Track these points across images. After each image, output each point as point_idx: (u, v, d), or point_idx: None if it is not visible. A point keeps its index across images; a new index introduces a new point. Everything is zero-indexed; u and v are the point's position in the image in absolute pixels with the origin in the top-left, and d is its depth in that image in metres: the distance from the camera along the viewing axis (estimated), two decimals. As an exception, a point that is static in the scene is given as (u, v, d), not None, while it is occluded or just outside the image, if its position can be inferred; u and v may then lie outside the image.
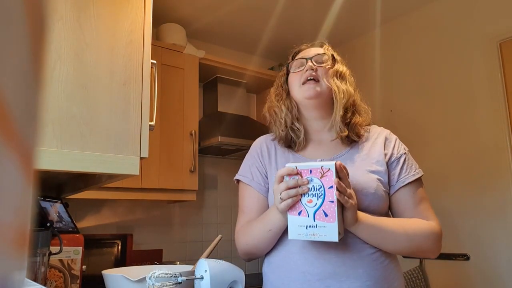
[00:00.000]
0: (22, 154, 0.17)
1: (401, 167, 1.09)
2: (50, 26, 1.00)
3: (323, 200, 0.91)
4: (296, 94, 1.14)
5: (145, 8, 1.17)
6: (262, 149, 1.18)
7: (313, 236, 0.92)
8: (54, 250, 1.13)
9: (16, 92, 0.16)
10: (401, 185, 1.07)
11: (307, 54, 1.16)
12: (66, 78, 1.00)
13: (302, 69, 1.13)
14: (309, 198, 0.92)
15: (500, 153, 2.09)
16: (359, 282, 0.97)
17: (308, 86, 1.10)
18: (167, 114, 2.34)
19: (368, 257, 1.00)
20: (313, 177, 0.92)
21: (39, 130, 0.19)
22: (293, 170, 0.94)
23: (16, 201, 0.16)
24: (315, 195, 0.92)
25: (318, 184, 0.92)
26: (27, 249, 0.18)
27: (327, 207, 0.91)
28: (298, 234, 0.94)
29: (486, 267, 2.10)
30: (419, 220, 1.06)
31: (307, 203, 0.93)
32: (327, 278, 0.98)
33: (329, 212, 0.91)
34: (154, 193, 2.25)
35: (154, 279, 0.92)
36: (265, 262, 1.13)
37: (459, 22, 2.35)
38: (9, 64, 0.15)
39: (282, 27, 2.74)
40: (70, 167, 0.98)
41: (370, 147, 1.12)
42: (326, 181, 0.91)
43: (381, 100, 2.68)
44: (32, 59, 0.17)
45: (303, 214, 0.93)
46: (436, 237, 1.05)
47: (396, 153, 1.11)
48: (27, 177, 0.17)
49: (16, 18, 0.15)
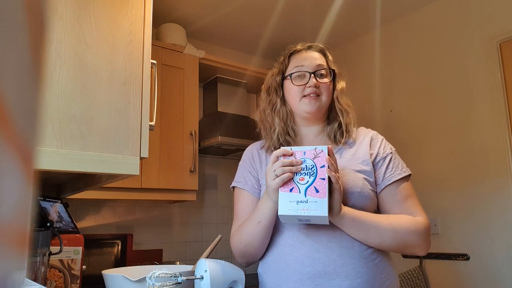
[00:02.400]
0: (22, 154, 0.17)
1: (387, 166, 1.10)
2: (50, 26, 1.00)
3: (314, 178, 0.95)
4: (296, 107, 1.16)
5: (145, 8, 1.17)
6: (253, 155, 1.22)
7: (303, 211, 0.94)
8: (54, 250, 1.13)
9: (16, 92, 0.16)
10: (386, 183, 1.09)
11: (308, 63, 1.16)
12: (66, 78, 1.00)
13: (304, 83, 1.14)
14: (301, 176, 0.97)
15: (500, 153, 2.09)
16: (349, 280, 0.98)
17: (309, 101, 1.13)
18: (167, 114, 2.34)
19: (358, 255, 1.01)
20: (306, 158, 0.97)
21: (39, 130, 0.19)
22: (288, 151, 0.99)
23: (16, 201, 0.16)
24: (307, 173, 0.96)
25: (310, 164, 0.96)
26: (27, 249, 0.18)
27: (319, 183, 0.94)
28: (288, 209, 0.95)
29: (486, 267, 2.10)
30: (405, 215, 1.06)
31: (299, 180, 0.97)
32: (317, 277, 0.99)
33: (320, 188, 0.94)
34: (154, 193, 2.25)
35: (154, 279, 0.92)
36: (259, 264, 1.15)
37: (459, 22, 2.35)
38: (9, 64, 0.15)
39: (282, 27, 2.74)
40: (70, 167, 0.98)
41: (357, 147, 1.14)
42: (319, 161, 0.96)
43: (381, 100, 2.68)
44: (32, 59, 0.17)
45: (295, 190, 0.96)
46: (423, 231, 1.05)
47: (382, 153, 1.12)
48: (27, 177, 0.17)
49: (16, 18, 0.15)
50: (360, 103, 1.22)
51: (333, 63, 1.20)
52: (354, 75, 1.23)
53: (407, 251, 1.10)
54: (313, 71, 1.14)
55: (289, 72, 1.17)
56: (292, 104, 1.17)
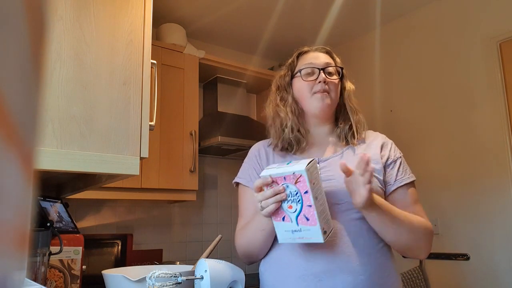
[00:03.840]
0: (22, 154, 0.17)
1: (398, 169, 1.12)
2: (50, 26, 1.00)
3: (301, 205, 0.92)
4: (306, 103, 1.16)
5: (145, 8, 1.17)
6: (260, 153, 1.21)
7: (300, 239, 0.94)
8: (54, 250, 1.13)
9: (16, 92, 0.16)
10: (399, 184, 1.10)
11: (317, 61, 1.17)
12: (66, 78, 1.00)
13: (314, 79, 1.15)
14: (289, 204, 0.94)
15: (500, 153, 2.09)
16: (352, 277, 0.99)
17: (321, 96, 1.13)
18: (167, 114, 2.34)
19: (361, 252, 1.01)
20: (288, 183, 0.93)
21: (39, 130, 0.19)
22: (268, 180, 0.94)
23: (16, 201, 0.16)
24: (294, 200, 0.93)
25: (294, 190, 0.93)
26: (27, 249, 0.18)
27: (307, 211, 0.92)
28: (286, 238, 0.96)
29: (486, 267, 2.10)
30: (419, 217, 1.08)
31: (288, 208, 0.94)
32: (320, 273, 0.99)
33: (310, 216, 0.92)
34: (154, 193, 2.25)
35: (154, 279, 0.92)
36: (261, 262, 1.15)
37: (459, 22, 2.35)
38: (9, 64, 0.15)
39: (282, 27, 2.74)
40: (70, 167, 0.98)
41: (365, 147, 1.15)
42: (301, 186, 0.91)
43: (381, 100, 2.68)
44: (32, 59, 0.17)
45: (287, 219, 0.95)
46: (431, 235, 1.09)
47: (393, 156, 1.14)
48: (27, 177, 0.17)
49: (16, 18, 0.15)
50: (360, 103, 1.22)
51: (340, 64, 1.22)
52: (354, 75, 1.23)
53: (411, 253, 1.10)
54: (323, 68, 1.15)
55: (299, 69, 1.18)
56: (302, 101, 1.17)
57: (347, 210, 1.04)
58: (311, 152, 1.16)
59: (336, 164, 1.08)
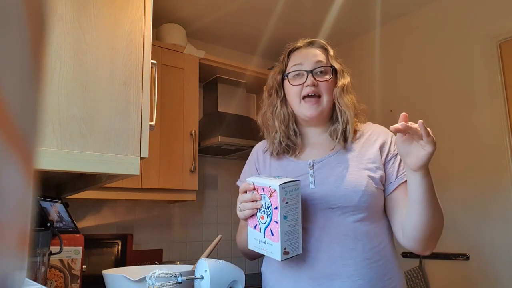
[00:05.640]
0: (22, 154, 0.17)
1: (399, 164, 1.07)
2: (50, 26, 1.00)
3: (270, 219, 0.95)
4: (296, 109, 1.13)
5: (145, 8, 1.17)
6: (258, 155, 1.22)
7: (263, 250, 0.97)
8: (54, 250, 1.13)
9: (16, 92, 0.16)
10: (400, 181, 1.06)
11: (307, 61, 1.12)
12: (66, 78, 1.00)
13: (302, 83, 1.10)
14: (262, 214, 0.97)
15: (500, 153, 2.09)
16: (350, 281, 0.98)
17: (309, 105, 1.09)
18: (167, 114, 2.34)
19: (360, 256, 1.00)
20: (265, 194, 0.96)
21: (39, 130, 0.19)
22: (250, 186, 0.99)
23: (16, 201, 0.16)
24: (266, 212, 0.96)
25: (268, 202, 0.95)
26: (27, 249, 0.18)
27: (273, 226, 0.94)
28: (254, 246, 1.00)
29: (486, 267, 2.10)
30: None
31: (261, 218, 0.97)
32: (318, 277, 0.99)
33: (274, 231, 0.94)
34: (154, 193, 2.25)
35: (154, 279, 0.92)
36: (263, 263, 1.16)
37: (459, 22, 2.35)
38: (9, 64, 0.15)
39: (282, 27, 2.74)
40: (70, 167, 0.98)
41: (362, 144, 1.11)
42: (273, 201, 0.94)
43: (381, 100, 2.68)
44: (32, 59, 0.17)
45: (257, 228, 0.98)
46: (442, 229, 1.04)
47: (393, 151, 1.09)
48: (27, 177, 0.17)
49: (16, 18, 0.15)
50: (360, 103, 1.20)
51: (335, 59, 1.15)
52: (354, 75, 1.21)
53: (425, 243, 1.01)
54: (311, 69, 1.10)
55: (288, 71, 1.15)
56: (292, 106, 1.14)
57: (343, 214, 1.02)
58: (305, 154, 1.14)
59: (330, 165, 1.08)
